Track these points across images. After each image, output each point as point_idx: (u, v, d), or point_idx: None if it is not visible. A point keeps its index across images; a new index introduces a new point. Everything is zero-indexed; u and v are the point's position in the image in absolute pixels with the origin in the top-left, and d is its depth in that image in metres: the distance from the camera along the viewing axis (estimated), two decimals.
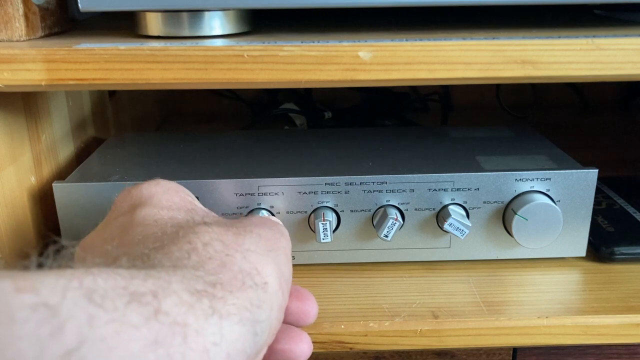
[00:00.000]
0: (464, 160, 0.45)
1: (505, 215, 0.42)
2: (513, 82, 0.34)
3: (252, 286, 0.25)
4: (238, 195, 0.41)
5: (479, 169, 0.43)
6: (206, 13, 0.37)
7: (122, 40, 0.37)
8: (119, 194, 0.33)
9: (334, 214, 0.42)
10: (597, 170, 0.42)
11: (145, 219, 0.29)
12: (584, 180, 0.42)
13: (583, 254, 0.44)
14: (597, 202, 0.49)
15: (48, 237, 0.42)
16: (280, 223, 0.33)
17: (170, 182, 0.33)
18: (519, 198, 0.42)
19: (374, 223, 0.42)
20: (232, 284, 0.24)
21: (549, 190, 0.42)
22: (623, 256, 0.43)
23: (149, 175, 0.42)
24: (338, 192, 0.42)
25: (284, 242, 0.30)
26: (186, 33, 0.37)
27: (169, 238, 0.26)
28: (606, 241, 0.44)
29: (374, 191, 0.42)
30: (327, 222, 0.40)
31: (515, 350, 0.43)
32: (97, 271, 0.20)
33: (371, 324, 0.38)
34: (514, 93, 0.81)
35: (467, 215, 0.42)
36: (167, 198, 0.31)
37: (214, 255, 0.25)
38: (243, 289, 0.24)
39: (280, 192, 0.42)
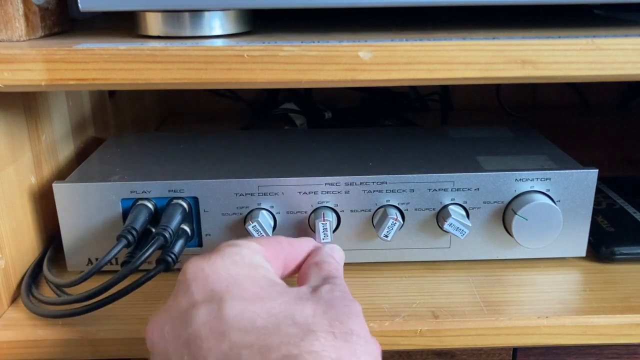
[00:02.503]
0: (464, 160, 0.45)
1: (505, 215, 0.42)
2: (513, 82, 0.34)
3: None
4: (238, 195, 0.41)
5: (479, 169, 0.43)
6: (206, 13, 0.37)
7: (122, 40, 0.37)
8: (188, 267, 0.28)
9: (334, 214, 0.42)
10: (597, 170, 0.42)
11: (242, 321, 0.24)
12: (584, 180, 0.42)
13: (583, 254, 0.44)
14: (597, 202, 0.49)
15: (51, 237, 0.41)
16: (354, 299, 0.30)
17: (242, 250, 0.28)
18: (519, 198, 0.42)
19: (374, 223, 0.42)
20: None
21: (549, 190, 0.42)
22: (623, 256, 0.43)
23: (149, 175, 0.42)
24: (338, 192, 0.42)
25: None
26: (186, 33, 0.37)
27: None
28: (606, 241, 0.44)
29: (374, 191, 0.42)
30: (327, 222, 0.40)
31: (515, 350, 0.43)
32: None
33: (371, 324, 0.38)
34: (514, 93, 0.81)
35: (467, 215, 0.42)
36: (251, 282, 0.27)
37: None
38: None
39: (280, 192, 0.42)
